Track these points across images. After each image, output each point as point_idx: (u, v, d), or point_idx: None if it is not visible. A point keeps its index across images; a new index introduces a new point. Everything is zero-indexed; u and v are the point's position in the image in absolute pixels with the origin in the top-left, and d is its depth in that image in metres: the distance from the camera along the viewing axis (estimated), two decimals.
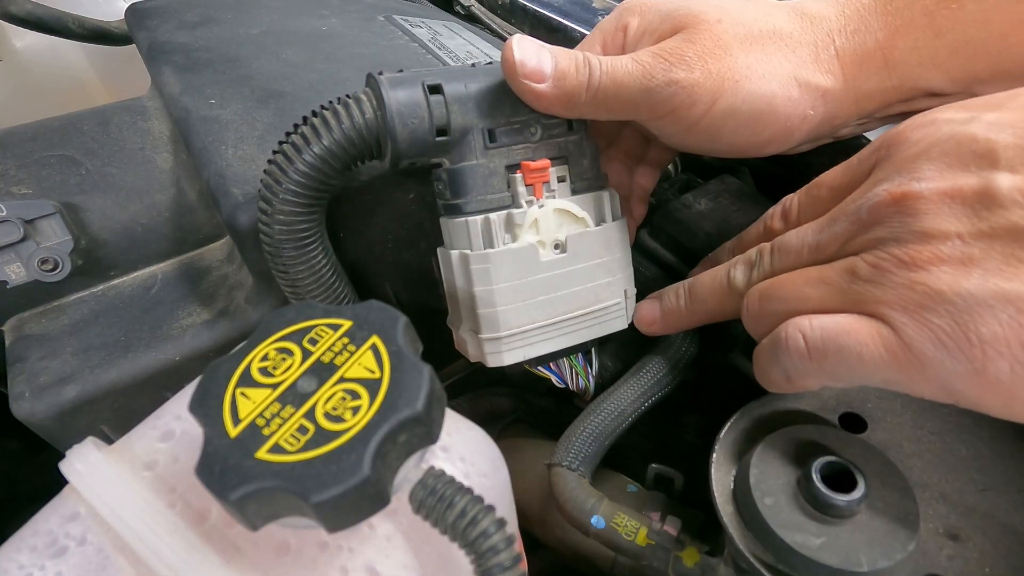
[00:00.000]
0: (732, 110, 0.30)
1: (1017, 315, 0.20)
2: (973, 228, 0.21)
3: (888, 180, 0.24)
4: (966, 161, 0.22)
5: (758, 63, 0.30)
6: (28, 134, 0.41)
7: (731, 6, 0.31)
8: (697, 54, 0.29)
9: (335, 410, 0.18)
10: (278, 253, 0.30)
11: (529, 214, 0.31)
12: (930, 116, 0.24)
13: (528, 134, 0.32)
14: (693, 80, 0.29)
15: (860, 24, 0.30)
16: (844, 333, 0.23)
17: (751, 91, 0.30)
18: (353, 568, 0.19)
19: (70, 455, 0.21)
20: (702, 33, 0.30)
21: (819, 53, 0.30)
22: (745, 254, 0.31)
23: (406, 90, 0.29)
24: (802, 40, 0.30)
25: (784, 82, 0.30)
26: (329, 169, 0.29)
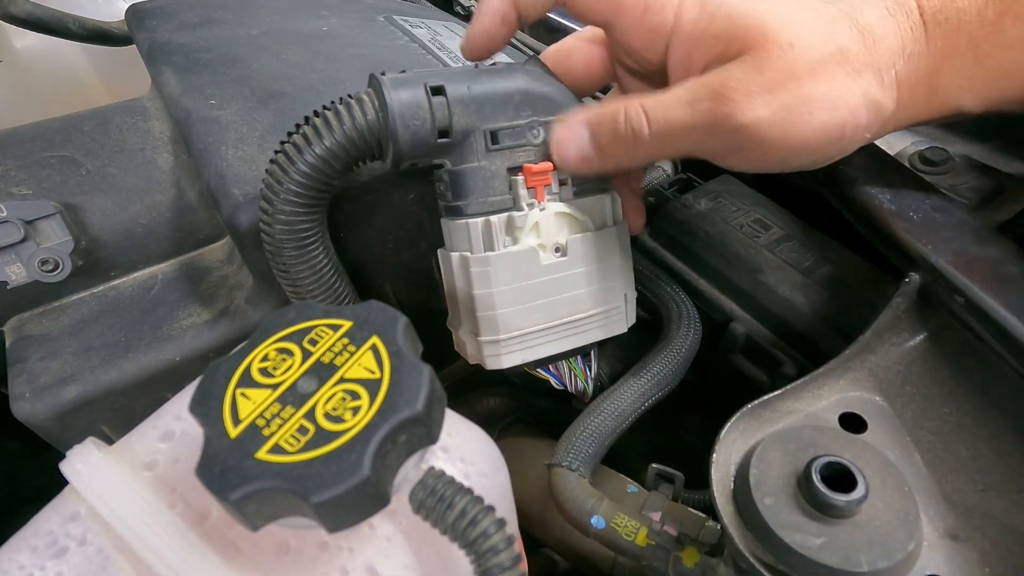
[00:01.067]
0: (802, 142, 0.29)
1: None
2: None
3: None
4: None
5: (830, 91, 0.28)
6: (28, 135, 0.41)
7: (802, 23, 0.29)
8: (766, 87, 0.27)
9: (335, 410, 0.18)
10: (279, 253, 0.30)
11: (530, 217, 0.31)
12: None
13: (530, 136, 0.31)
14: (762, 119, 0.27)
15: (915, 48, 0.29)
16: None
17: (824, 122, 0.28)
18: (353, 568, 0.19)
19: (70, 455, 0.21)
20: (773, 61, 0.28)
21: (882, 75, 0.29)
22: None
23: (408, 91, 0.29)
24: (868, 62, 0.29)
25: (854, 109, 0.29)
26: (330, 169, 0.29)
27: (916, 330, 0.31)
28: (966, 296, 0.28)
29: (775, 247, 0.41)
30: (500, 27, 0.31)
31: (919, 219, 0.32)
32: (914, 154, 0.40)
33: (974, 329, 0.28)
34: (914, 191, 0.34)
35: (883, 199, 0.34)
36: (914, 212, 0.33)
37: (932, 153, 0.40)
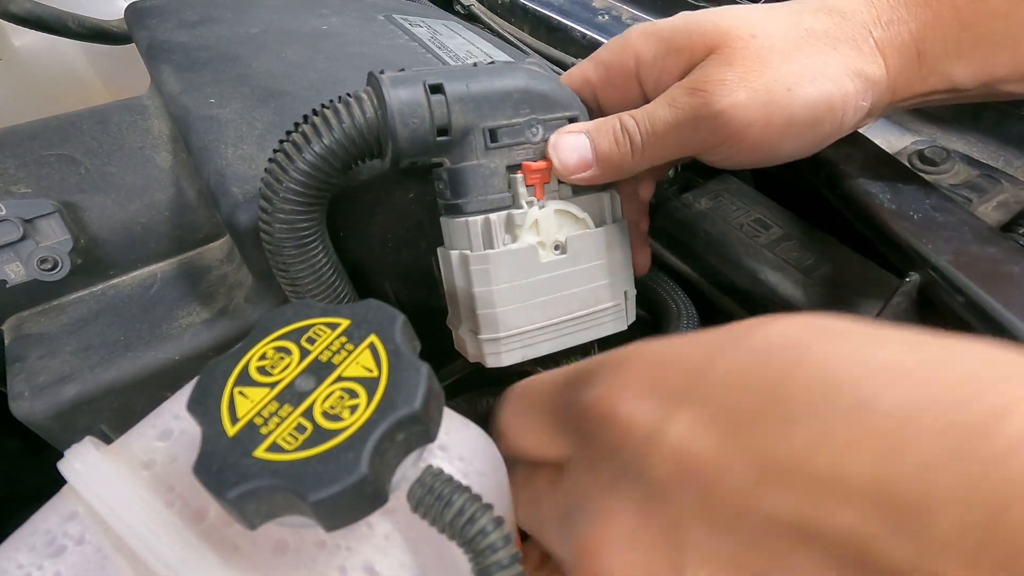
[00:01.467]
0: (790, 119, 0.29)
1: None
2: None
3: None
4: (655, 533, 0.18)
5: (806, 67, 0.29)
6: (27, 133, 0.41)
7: (759, 18, 0.30)
8: (738, 75, 0.28)
9: (333, 409, 0.18)
10: (278, 252, 0.30)
11: (529, 215, 0.31)
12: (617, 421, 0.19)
13: (530, 134, 0.32)
14: (740, 102, 0.28)
15: (892, 15, 0.30)
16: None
17: (807, 95, 0.29)
18: (351, 567, 0.19)
19: (68, 455, 0.21)
20: (738, 51, 0.29)
21: (860, 46, 0.30)
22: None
23: (407, 89, 0.29)
24: (840, 36, 0.30)
25: (837, 78, 0.29)
26: (330, 168, 0.29)
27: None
28: (966, 295, 0.28)
29: (775, 246, 0.41)
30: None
31: (919, 218, 0.32)
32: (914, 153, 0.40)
33: (974, 329, 0.28)
34: (914, 190, 0.34)
35: (883, 198, 0.34)
36: (914, 211, 0.32)
37: (932, 152, 0.40)
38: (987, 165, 0.39)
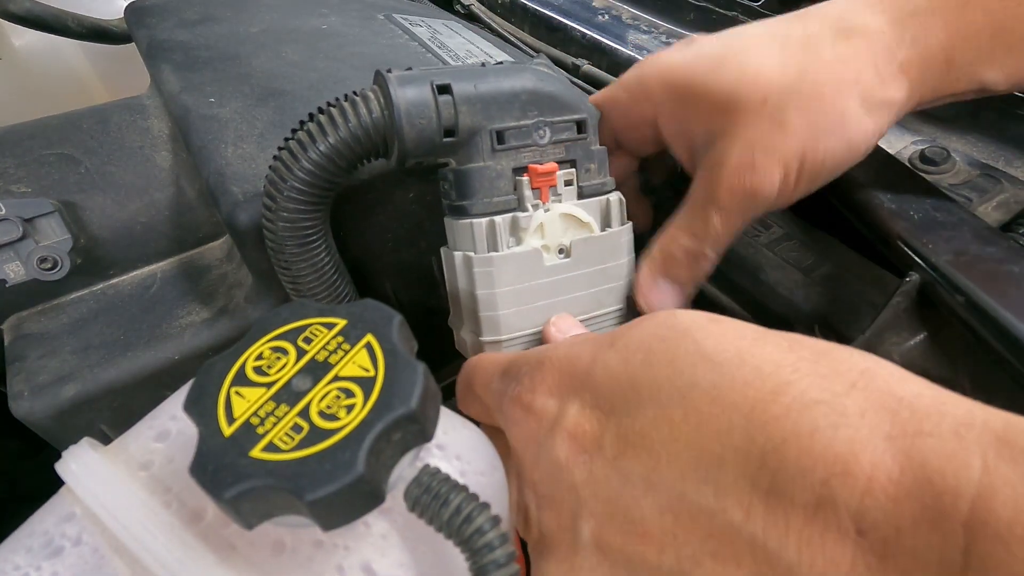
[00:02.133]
0: (816, 174, 0.30)
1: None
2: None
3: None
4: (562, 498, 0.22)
5: (825, 117, 0.29)
6: (27, 132, 0.41)
7: (771, 68, 0.29)
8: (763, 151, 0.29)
9: (329, 408, 0.18)
10: (281, 250, 0.30)
11: (535, 218, 0.31)
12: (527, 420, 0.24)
13: (536, 136, 0.31)
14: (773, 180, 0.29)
15: (920, 30, 0.29)
16: None
17: (829, 148, 0.29)
18: (349, 566, 0.19)
19: (66, 456, 0.21)
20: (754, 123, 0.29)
21: (881, 71, 0.29)
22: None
23: (415, 89, 0.29)
24: (862, 65, 0.29)
25: (856, 120, 0.29)
26: (335, 167, 0.29)
27: (916, 330, 0.31)
28: (966, 295, 0.28)
29: (775, 246, 0.41)
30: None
31: (919, 218, 0.32)
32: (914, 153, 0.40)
33: (974, 329, 0.28)
34: (914, 190, 0.34)
35: (883, 198, 0.33)
36: (914, 211, 0.32)
37: (932, 152, 0.39)
38: (987, 165, 0.39)
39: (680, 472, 0.19)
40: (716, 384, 0.19)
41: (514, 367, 0.26)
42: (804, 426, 0.17)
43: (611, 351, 0.22)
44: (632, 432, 0.20)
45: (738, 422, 0.18)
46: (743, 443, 0.18)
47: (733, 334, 0.21)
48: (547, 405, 0.23)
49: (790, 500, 0.17)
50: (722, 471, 0.18)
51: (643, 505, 0.20)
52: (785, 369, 0.19)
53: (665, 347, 0.21)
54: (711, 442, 0.18)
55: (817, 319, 0.38)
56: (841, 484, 0.16)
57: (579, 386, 0.22)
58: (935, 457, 0.15)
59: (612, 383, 0.21)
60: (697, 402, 0.19)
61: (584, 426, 0.21)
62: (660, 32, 0.57)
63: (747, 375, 0.19)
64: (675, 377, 0.20)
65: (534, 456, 0.23)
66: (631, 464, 0.20)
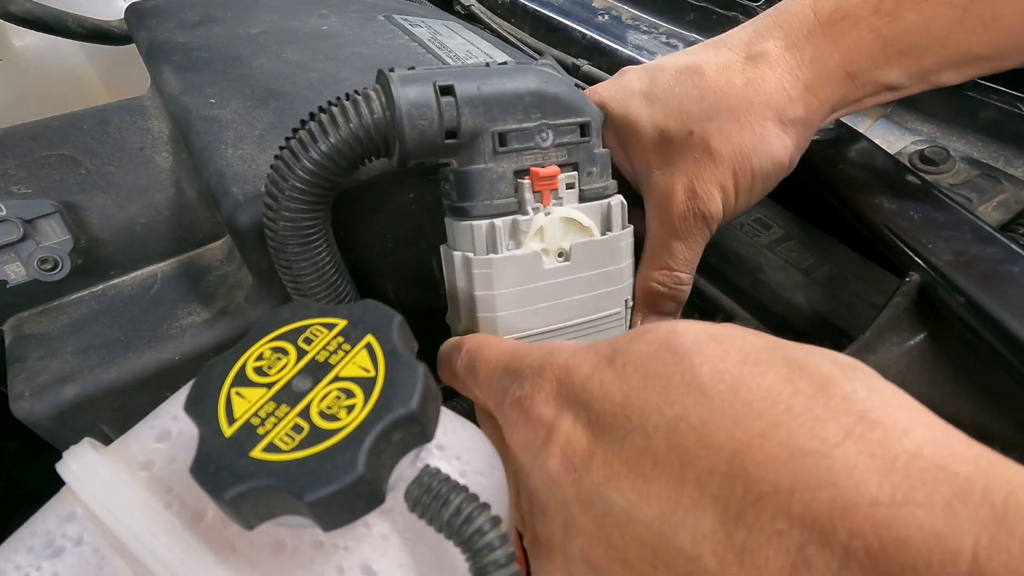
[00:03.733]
0: (750, 189, 0.34)
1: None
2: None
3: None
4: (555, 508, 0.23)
5: (746, 139, 0.32)
6: (28, 133, 0.41)
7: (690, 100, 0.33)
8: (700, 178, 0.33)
9: (330, 409, 0.18)
10: (282, 250, 0.30)
11: (535, 222, 0.31)
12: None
13: (539, 139, 0.31)
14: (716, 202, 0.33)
15: (815, 52, 0.32)
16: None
17: (756, 166, 0.33)
18: (349, 567, 0.19)
19: (67, 456, 0.21)
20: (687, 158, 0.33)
21: (789, 92, 0.32)
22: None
23: (417, 89, 0.29)
24: (771, 88, 0.32)
25: (775, 138, 0.32)
26: (336, 167, 0.29)
27: (916, 330, 0.31)
28: (966, 296, 0.28)
29: (775, 246, 0.41)
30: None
31: (919, 218, 0.32)
32: (914, 153, 0.40)
33: (974, 329, 0.28)
34: (914, 190, 0.34)
35: (883, 198, 0.34)
36: (914, 211, 0.32)
37: (932, 152, 0.40)
38: (987, 165, 0.39)
39: (660, 512, 0.19)
40: (704, 420, 0.19)
41: (517, 366, 0.26)
42: (785, 482, 0.16)
43: (609, 368, 0.22)
44: (618, 460, 0.20)
45: (720, 467, 0.18)
46: (723, 492, 0.17)
47: (733, 358, 0.20)
48: (544, 414, 0.23)
49: (764, 561, 0.16)
50: (700, 519, 0.18)
51: (625, 534, 0.20)
52: (778, 407, 0.18)
53: (661, 371, 0.21)
54: (692, 486, 0.18)
55: (817, 319, 0.38)
56: (817, 553, 0.15)
57: (574, 400, 0.22)
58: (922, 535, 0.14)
59: (605, 402, 0.21)
60: (683, 437, 0.19)
61: (575, 444, 0.21)
62: (660, 32, 0.57)
63: (737, 412, 0.18)
64: (665, 407, 0.20)
65: (530, 463, 0.23)
66: (615, 495, 0.20)
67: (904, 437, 0.16)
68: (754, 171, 0.33)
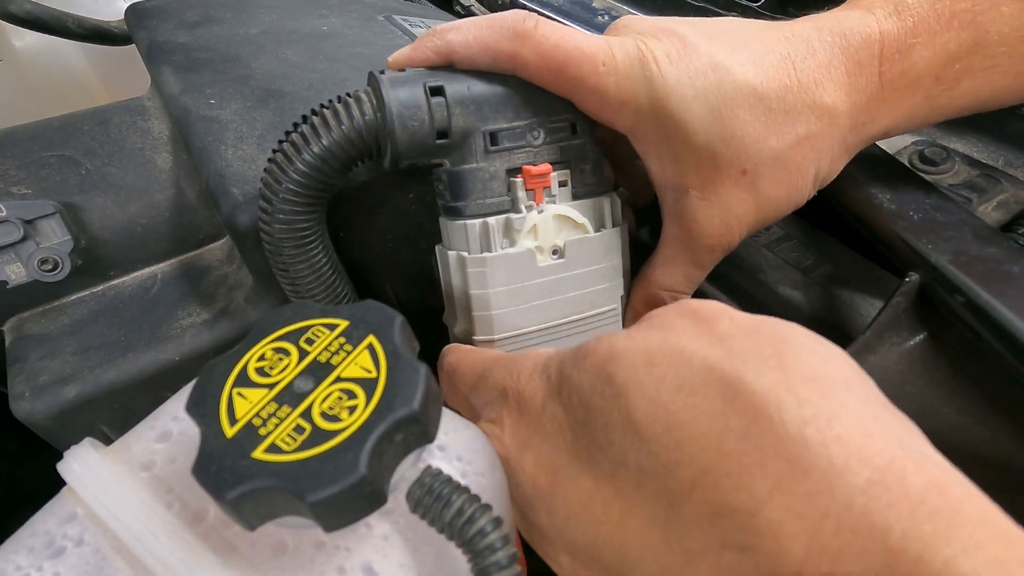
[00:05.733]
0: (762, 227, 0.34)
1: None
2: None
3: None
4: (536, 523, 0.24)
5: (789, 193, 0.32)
6: (28, 134, 0.41)
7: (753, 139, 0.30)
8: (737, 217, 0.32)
9: (331, 410, 0.18)
10: (278, 252, 0.30)
11: (528, 220, 0.31)
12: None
13: (531, 138, 0.31)
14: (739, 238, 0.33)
15: (869, 116, 0.31)
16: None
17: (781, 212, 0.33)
18: (350, 567, 0.19)
19: (67, 456, 0.21)
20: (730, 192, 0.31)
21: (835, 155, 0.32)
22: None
23: (407, 90, 0.29)
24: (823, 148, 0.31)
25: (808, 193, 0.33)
26: (329, 169, 0.29)
27: (916, 330, 0.31)
28: (966, 296, 0.28)
29: (775, 246, 0.41)
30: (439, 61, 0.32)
31: (919, 218, 0.32)
32: (914, 153, 0.40)
33: (974, 329, 0.28)
34: (914, 190, 0.34)
35: (883, 198, 0.34)
36: (914, 211, 0.32)
37: (932, 152, 0.40)
38: (987, 165, 0.39)
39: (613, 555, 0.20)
40: (641, 467, 0.19)
41: (483, 389, 0.27)
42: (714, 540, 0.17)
43: (556, 401, 0.23)
44: (574, 501, 0.21)
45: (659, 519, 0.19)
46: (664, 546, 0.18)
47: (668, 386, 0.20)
48: (510, 444, 0.24)
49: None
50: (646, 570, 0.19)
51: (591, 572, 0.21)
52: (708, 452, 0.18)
53: (601, 406, 0.21)
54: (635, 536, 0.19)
55: (816, 319, 0.38)
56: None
57: (531, 436, 0.23)
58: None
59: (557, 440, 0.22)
60: (622, 485, 0.20)
61: (538, 481, 0.23)
62: None
63: (670, 458, 0.18)
64: (607, 448, 0.20)
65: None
66: (574, 532, 0.21)
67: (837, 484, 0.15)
68: (776, 215, 0.33)
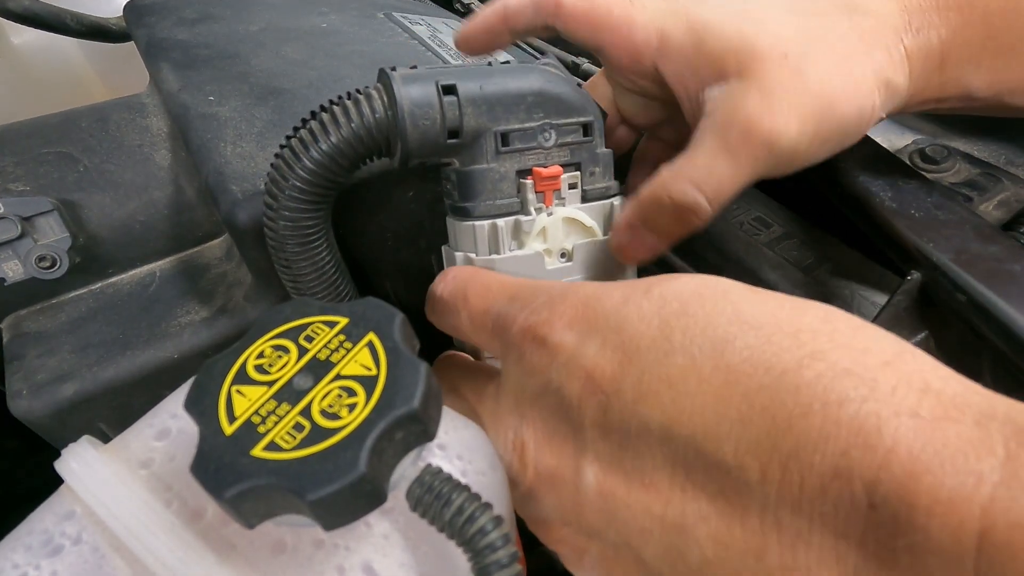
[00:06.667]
0: (826, 139, 0.29)
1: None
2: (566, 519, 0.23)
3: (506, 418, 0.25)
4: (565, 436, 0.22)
5: (845, 81, 0.28)
6: (26, 131, 0.41)
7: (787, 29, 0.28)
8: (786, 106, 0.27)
9: (331, 407, 0.18)
10: (282, 249, 0.30)
11: (537, 222, 0.31)
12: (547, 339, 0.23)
13: (542, 139, 0.31)
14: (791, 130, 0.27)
15: (923, 21, 0.29)
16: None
17: (846, 113, 0.28)
18: (350, 566, 0.19)
19: (65, 454, 0.20)
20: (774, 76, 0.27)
21: (891, 52, 0.29)
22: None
23: (419, 88, 0.29)
24: (873, 41, 0.29)
25: (869, 92, 0.29)
26: (336, 166, 0.29)
27: (917, 328, 0.31)
28: (968, 294, 0.28)
29: (775, 245, 0.41)
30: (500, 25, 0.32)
31: (920, 217, 0.32)
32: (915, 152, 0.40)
33: (976, 327, 0.28)
34: (915, 188, 0.34)
35: (884, 196, 0.33)
36: (915, 210, 0.32)
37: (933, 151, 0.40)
38: (988, 163, 0.39)
39: (703, 425, 0.19)
40: (750, 345, 0.19)
41: (528, 293, 0.25)
42: (833, 394, 0.17)
43: (645, 298, 0.21)
44: (657, 378, 0.20)
45: (769, 383, 0.18)
46: (771, 404, 0.18)
47: (772, 303, 0.20)
48: (564, 339, 0.22)
49: (808, 466, 0.17)
50: (746, 429, 0.18)
51: (656, 454, 0.19)
52: (821, 338, 0.19)
53: (702, 303, 0.20)
54: (739, 399, 0.18)
55: None
56: (860, 455, 0.16)
57: (603, 325, 0.22)
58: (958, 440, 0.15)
59: (642, 326, 0.21)
60: (730, 358, 0.19)
61: (604, 366, 0.21)
62: None
63: (783, 340, 0.19)
64: (710, 331, 0.20)
65: (537, 390, 0.23)
66: (650, 411, 0.20)
67: (934, 371, 0.18)
68: (840, 118, 0.28)
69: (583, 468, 0.21)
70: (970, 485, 0.15)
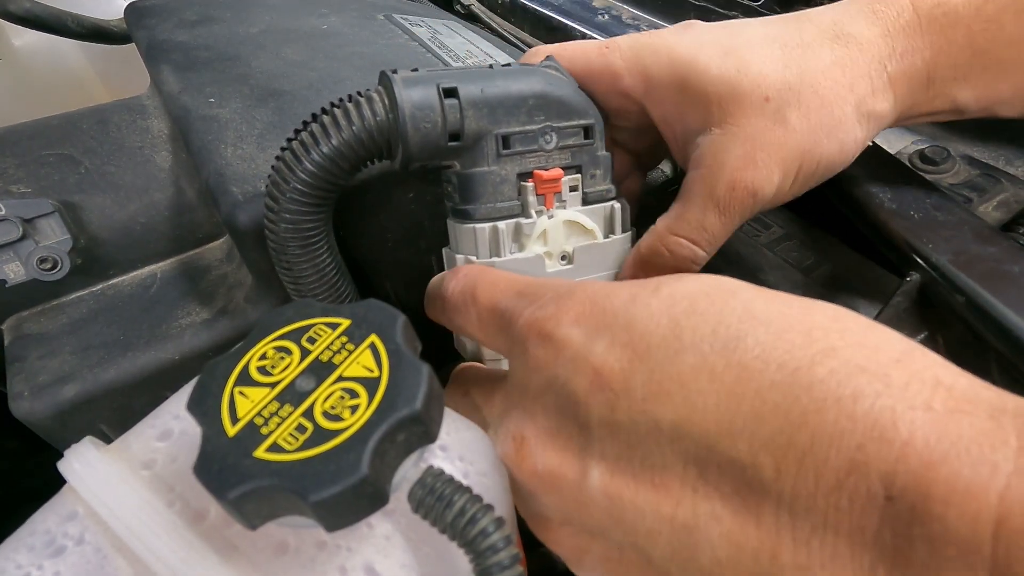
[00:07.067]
0: (810, 176, 0.31)
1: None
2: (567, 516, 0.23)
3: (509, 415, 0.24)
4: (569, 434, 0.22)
5: (824, 120, 0.29)
6: (27, 133, 0.41)
7: (773, 68, 0.29)
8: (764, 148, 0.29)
9: (333, 409, 0.18)
10: (283, 251, 0.30)
11: (538, 225, 0.31)
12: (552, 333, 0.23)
13: (543, 142, 0.31)
14: (772, 180, 0.29)
15: (908, 45, 0.30)
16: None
17: (825, 152, 0.30)
18: (352, 567, 0.19)
19: (68, 455, 0.21)
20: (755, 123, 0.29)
21: (873, 82, 0.30)
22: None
23: (420, 91, 0.29)
24: (857, 73, 0.29)
25: (851, 126, 0.30)
26: (338, 169, 0.29)
27: (916, 329, 0.31)
28: (967, 295, 0.28)
29: (775, 246, 0.41)
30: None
31: (919, 218, 0.32)
32: (914, 153, 0.40)
33: (975, 328, 0.28)
34: (914, 190, 0.34)
35: (883, 198, 0.34)
36: (914, 211, 0.32)
37: (932, 152, 0.40)
38: (987, 164, 0.39)
39: (716, 423, 0.18)
40: (762, 342, 0.19)
41: (535, 290, 0.25)
42: (847, 390, 0.17)
43: (654, 296, 0.21)
44: (667, 377, 0.20)
45: (782, 380, 0.18)
46: (785, 401, 0.18)
47: (781, 302, 0.20)
48: (571, 335, 0.22)
49: (823, 461, 0.17)
50: (760, 426, 0.18)
51: (666, 454, 0.19)
52: (833, 335, 0.19)
53: (711, 302, 0.20)
54: (752, 396, 0.18)
55: None
56: (876, 448, 0.16)
57: (611, 323, 0.21)
58: (972, 431, 0.16)
59: (651, 324, 0.21)
60: (741, 356, 0.19)
61: (613, 364, 0.21)
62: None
63: (795, 338, 0.19)
64: (720, 329, 0.20)
65: (542, 386, 0.22)
66: (661, 410, 0.19)
67: (944, 368, 0.18)
68: (821, 157, 0.30)
69: (588, 467, 0.21)
70: (985, 475, 0.15)
